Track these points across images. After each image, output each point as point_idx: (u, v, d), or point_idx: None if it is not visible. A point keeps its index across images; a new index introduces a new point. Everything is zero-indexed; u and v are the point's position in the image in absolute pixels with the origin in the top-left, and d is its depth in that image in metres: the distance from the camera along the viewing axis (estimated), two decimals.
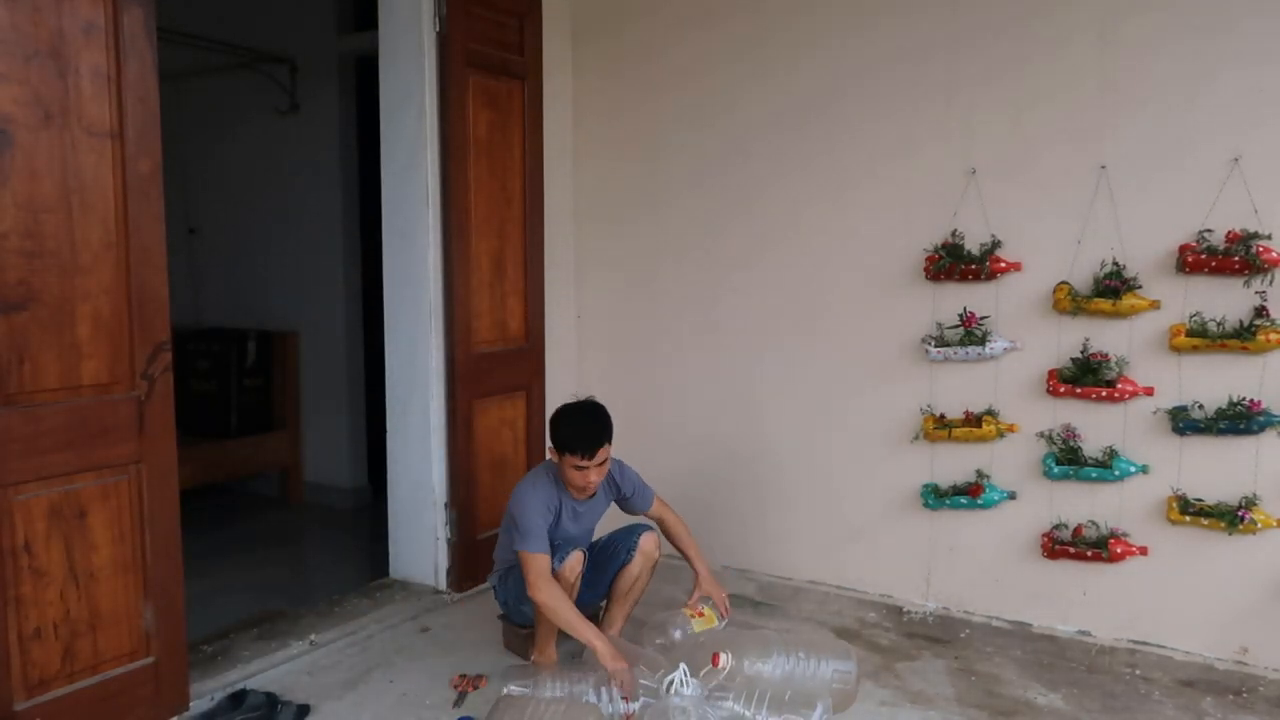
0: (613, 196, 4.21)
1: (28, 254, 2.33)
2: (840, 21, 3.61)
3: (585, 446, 2.90)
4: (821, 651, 2.81)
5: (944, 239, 3.43)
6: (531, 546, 2.87)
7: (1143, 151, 3.13)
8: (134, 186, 2.52)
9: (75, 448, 2.44)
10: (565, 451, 2.92)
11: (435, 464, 3.73)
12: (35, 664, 2.40)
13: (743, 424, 3.96)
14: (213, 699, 2.84)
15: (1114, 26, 3.14)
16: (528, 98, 3.92)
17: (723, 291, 3.97)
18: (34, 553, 2.38)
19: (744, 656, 2.71)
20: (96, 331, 2.48)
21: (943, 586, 3.59)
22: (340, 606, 3.57)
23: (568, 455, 2.91)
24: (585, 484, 2.96)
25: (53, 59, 2.35)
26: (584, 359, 4.35)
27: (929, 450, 3.55)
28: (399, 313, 3.76)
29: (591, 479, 2.95)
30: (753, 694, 2.57)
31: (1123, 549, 3.21)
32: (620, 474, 3.15)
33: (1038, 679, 3.13)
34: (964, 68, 3.39)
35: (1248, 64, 2.97)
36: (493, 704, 2.60)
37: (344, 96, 5.09)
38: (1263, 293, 2.97)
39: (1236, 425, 3.00)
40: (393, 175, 3.71)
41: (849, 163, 3.64)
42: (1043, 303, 3.31)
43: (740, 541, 3.99)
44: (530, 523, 2.91)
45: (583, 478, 2.94)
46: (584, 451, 2.90)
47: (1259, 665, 3.09)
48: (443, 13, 3.54)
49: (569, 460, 2.92)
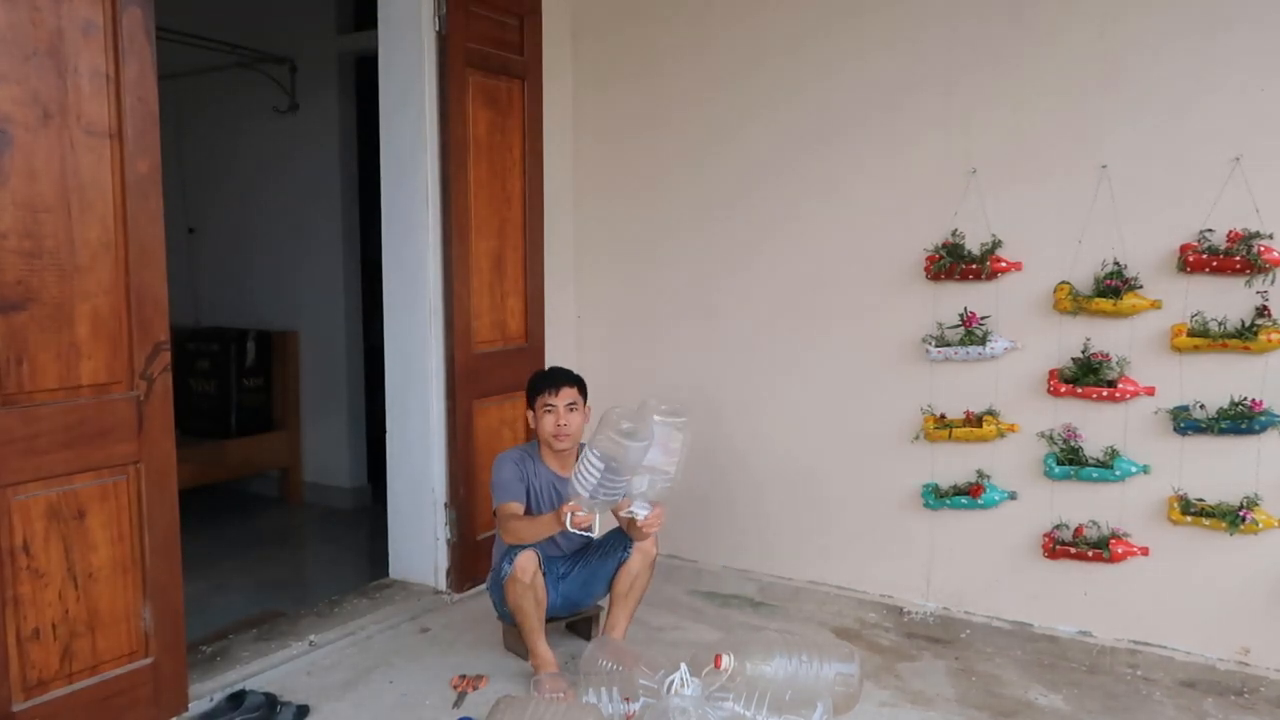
0: (613, 197, 4.21)
1: (26, 254, 2.32)
2: (839, 20, 3.61)
3: (549, 383, 3.10)
4: (824, 654, 2.80)
5: (944, 239, 3.43)
6: (501, 496, 3.05)
7: (1144, 151, 3.12)
8: (133, 186, 2.52)
9: (74, 448, 2.44)
10: (535, 395, 3.10)
11: (435, 464, 3.72)
12: (34, 665, 2.39)
13: (743, 424, 3.96)
14: (212, 699, 2.83)
15: (1115, 25, 3.14)
16: (528, 97, 3.92)
17: (723, 292, 3.96)
18: (32, 553, 2.38)
19: (747, 658, 2.71)
20: (95, 331, 2.47)
21: (943, 587, 3.59)
22: (340, 607, 3.56)
23: (538, 399, 3.08)
24: (557, 429, 3.06)
25: (52, 58, 2.34)
26: (584, 359, 4.34)
27: (929, 450, 3.55)
28: (399, 312, 3.75)
29: (562, 422, 3.06)
30: (753, 694, 2.57)
31: (1124, 549, 3.20)
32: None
33: (1039, 679, 3.13)
34: (964, 66, 3.39)
35: (1249, 63, 2.97)
36: (492, 704, 2.60)
37: (343, 96, 5.10)
38: (1264, 292, 2.97)
39: (1238, 425, 3.00)
40: (392, 175, 3.71)
41: (849, 162, 3.64)
42: (1043, 302, 3.31)
43: (740, 542, 3.98)
44: (499, 477, 3.07)
45: (554, 423, 3.06)
46: (550, 387, 3.07)
47: (1261, 666, 3.08)
48: (442, 12, 3.54)
49: (540, 404, 3.08)
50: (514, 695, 2.63)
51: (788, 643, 2.82)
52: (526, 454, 3.17)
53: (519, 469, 3.11)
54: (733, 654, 2.68)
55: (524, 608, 2.95)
